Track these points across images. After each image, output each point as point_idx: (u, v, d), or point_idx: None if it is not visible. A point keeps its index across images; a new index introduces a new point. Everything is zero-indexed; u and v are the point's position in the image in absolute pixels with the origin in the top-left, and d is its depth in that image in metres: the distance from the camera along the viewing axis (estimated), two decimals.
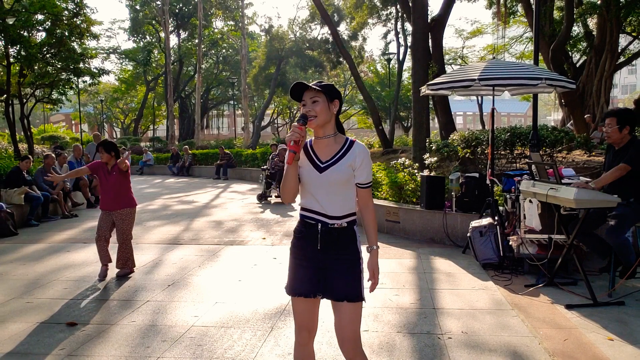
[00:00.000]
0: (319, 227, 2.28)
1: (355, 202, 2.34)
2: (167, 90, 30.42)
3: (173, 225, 8.66)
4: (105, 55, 36.82)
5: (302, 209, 2.36)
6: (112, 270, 5.63)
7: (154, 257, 6.20)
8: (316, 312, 2.39)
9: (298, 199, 2.37)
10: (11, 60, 14.08)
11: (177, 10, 34.13)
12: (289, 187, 2.29)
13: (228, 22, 36.30)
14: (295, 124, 2.21)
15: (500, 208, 5.94)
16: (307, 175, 2.30)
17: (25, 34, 14.30)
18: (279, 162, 11.75)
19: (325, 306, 2.50)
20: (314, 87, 2.24)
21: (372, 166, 2.37)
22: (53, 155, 10.42)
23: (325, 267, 2.28)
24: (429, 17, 12.30)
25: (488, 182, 6.06)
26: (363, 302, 2.30)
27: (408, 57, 24.17)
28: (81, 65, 15.61)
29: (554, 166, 4.53)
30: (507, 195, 5.67)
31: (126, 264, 5.43)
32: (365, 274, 2.33)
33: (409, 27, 19.87)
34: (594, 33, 13.80)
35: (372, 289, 2.33)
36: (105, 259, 5.38)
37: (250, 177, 17.77)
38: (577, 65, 15.48)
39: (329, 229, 2.27)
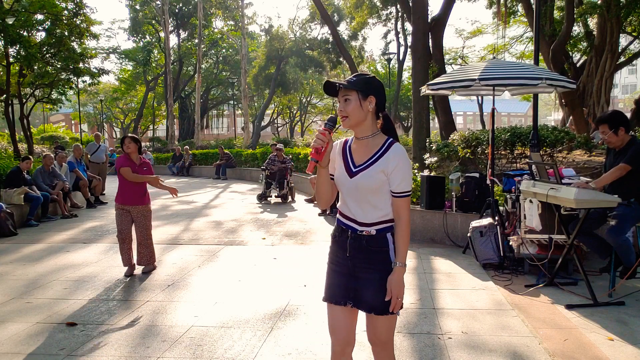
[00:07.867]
0: (349, 232, 2.16)
1: (391, 209, 2.14)
2: (167, 90, 30.37)
3: (173, 225, 8.65)
4: (105, 55, 36.76)
5: (339, 212, 2.24)
6: (112, 271, 5.62)
7: None
8: (351, 323, 2.24)
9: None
10: (11, 60, 14.08)
11: (177, 10, 34.08)
12: (320, 192, 2.19)
13: (228, 22, 36.22)
14: (320, 128, 2.05)
15: (501, 208, 5.94)
16: (338, 179, 2.16)
17: (25, 33, 14.28)
18: (276, 163, 11.76)
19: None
20: (344, 84, 2.06)
21: (411, 173, 2.14)
22: (52, 155, 10.43)
23: (356, 275, 2.16)
24: (429, 17, 12.28)
25: (488, 182, 6.06)
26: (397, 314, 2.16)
27: (408, 57, 24.24)
28: (81, 65, 15.61)
29: (554, 166, 4.53)
30: (508, 195, 5.67)
31: (150, 261, 5.54)
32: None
33: (409, 27, 19.87)
34: (595, 33, 13.77)
35: (394, 308, 2.12)
36: (128, 260, 5.40)
37: (250, 177, 17.76)
38: (578, 65, 15.45)
39: (358, 235, 2.14)
